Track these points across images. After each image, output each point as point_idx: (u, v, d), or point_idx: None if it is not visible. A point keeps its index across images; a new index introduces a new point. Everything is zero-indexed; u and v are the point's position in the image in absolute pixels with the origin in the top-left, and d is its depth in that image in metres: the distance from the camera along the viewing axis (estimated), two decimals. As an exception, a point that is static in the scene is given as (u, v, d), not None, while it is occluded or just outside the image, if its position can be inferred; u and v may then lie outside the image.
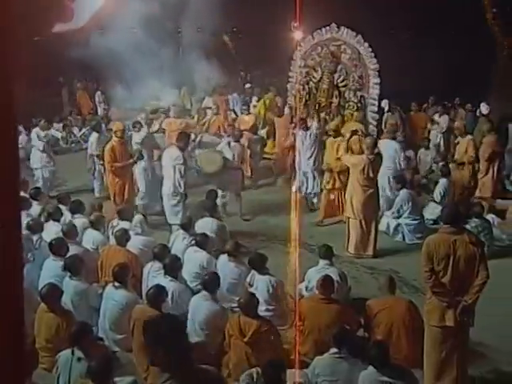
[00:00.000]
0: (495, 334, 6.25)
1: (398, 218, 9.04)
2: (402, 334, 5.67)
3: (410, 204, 8.96)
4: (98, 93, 15.11)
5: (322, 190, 9.76)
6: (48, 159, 11.07)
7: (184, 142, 8.85)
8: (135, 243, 7.27)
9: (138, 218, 7.65)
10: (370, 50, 11.77)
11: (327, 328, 5.48)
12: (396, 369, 4.73)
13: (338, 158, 9.01)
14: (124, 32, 11.35)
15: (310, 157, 10.02)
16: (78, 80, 17.65)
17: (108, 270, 6.54)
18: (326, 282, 5.86)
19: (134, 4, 12.26)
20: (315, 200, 10.18)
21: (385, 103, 13.18)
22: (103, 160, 10.48)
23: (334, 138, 9.50)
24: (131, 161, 9.40)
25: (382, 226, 9.11)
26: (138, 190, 9.83)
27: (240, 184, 10.13)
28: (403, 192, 9.08)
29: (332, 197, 9.44)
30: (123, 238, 6.98)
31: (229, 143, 10.20)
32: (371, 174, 8.05)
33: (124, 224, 7.64)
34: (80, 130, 14.32)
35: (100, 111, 14.42)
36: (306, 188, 10.09)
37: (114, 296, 5.94)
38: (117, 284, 5.95)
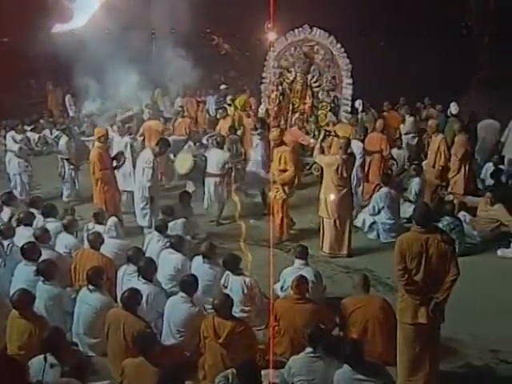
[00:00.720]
0: (467, 330, 6.37)
1: (374, 215, 9.11)
2: (377, 332, 5.75)
3: (387, 203, 9.02)
4: (69, 96, 14.94)
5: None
6: (26, 164, 10.83)
7: (162, 148, 8.80)
8: (109, 246, 7.21)
9: (112, 220, 7.58)
10: (343, 50, 11.88)
11: (303, 328, 5.51)
12: (370, 366, 4.80)
13: (282, 170, 8.71)
14: (96, 33, 11.24)
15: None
16: (48, 82, 17.42)
17: (82, 274, 6.48)
18: (300, 282, 5.89)
19: (107, 5, 12.18)
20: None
21: (359, 103, 13.29)
22: (73, 164, 10.37)
23: (277, 147, 8.95)
24: (120, 163, 9.24)
25: (357, 222, 9.21)
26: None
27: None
28: (381, 190, 9.15)
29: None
30: (97, 241, 6.92)
31: (209, 148, 10.16)
32: (345, 174, 8.10)
33: (98, 227, 7.59)
34: (51, 133, 14.11)
35: (71, 114, 14.25)
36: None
37: (88, 300, 5.90)
38: (91, 287, 5.91)
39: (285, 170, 8.74)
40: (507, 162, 11.06)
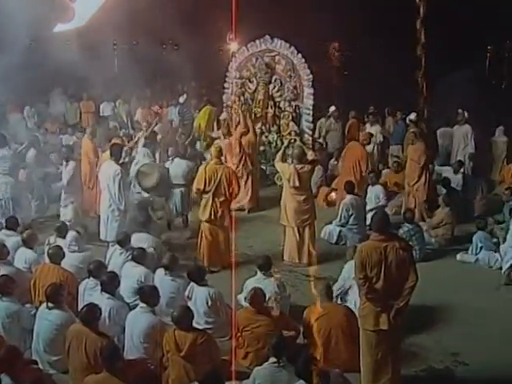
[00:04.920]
0: (428, 334, 6.49)
1: (343, 226, 9.16)
2: (341, 340, 5.80)
3: (355, 210, 9.12)
4: (27, 107, 14.68)
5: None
6: None
7: (118, 155, 8.71)
8: (71, 260, 7.10)
9: (71, 235, 7.45)
10: (304, 60, 12.02)
11: (266, 337, 5.53)
12: (326, 377, 4.82)
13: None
14: (57, 44, 11.08)
15: None
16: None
17: (42, 290, 6.34)
18: (255, 295, 5.91)
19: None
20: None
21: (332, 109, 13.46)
22: (42, 178, 10.06)
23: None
24: None
25: (323, 234, 9.28)
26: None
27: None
28: (347, 198, 9.22)
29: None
30: (57, 255, 6.79)
31: (172, 159, 10.10)
32: (297, 183, 8.12)
33: (60, 241, 7.46)
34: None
35: (30, 125, 13.97)
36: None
37: (48, 316, 5.77)
38: (50, 304, 5.78)
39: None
40: (457, 164, 11.30)
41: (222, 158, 8.78)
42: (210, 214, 8.09)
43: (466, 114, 12.28)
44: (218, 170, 8.12)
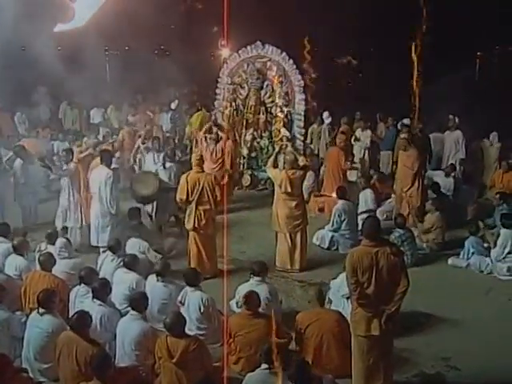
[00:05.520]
0: (420, 339, 6.51)
1: (335, 231, 9.18)
2: (332, 345, 5.80)
3: (347, 215, 9.14)
4: (18, 113, 14.63)
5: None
6: None
7: (109, 160, 8.71)
8: (62, 267, 7.07)
9: (60, 241, 7.42)
10: (295, 66, 12.07)
11: (258, 343, 5.52)
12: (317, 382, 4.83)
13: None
14: (47, 50, 11.05)
15: None
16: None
17: (33, 297, 6.31)
18: (250, 297, 5.91)
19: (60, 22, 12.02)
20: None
21: (326, 115, 13.51)
22: (30, 188, 9.96)
23: None
24: None
25: (316, 240, 9.28)
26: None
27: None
28: (339, 203, 9.25)
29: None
30: (48, 262, 6.76)
31: (163, 164, 10.09)
32: (289, 189, 8.14)
33: (51, 248, 7.43)
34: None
35: (21, 131, 13.93)
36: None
37: (38, 323, 5.73)
38: (42, 310, 5.75)
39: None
40: (450, 167, 11.42)
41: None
42: (194, 223, 8.01)
43: (456, 119, 12.37)
44: (200, 179, 8.01)
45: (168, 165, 10.23)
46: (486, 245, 8.65)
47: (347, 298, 6.53)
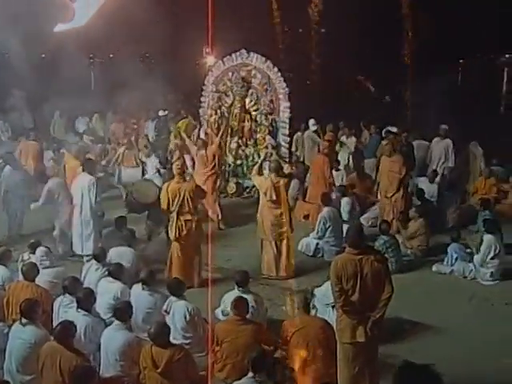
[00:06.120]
0: (405, 346, 6.53)
1: (320, 238, 9.20)
2: (318, 353, 5.79)
3: (332, 222, 9.17)
4: (0, 122, 14.52)
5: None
6: None
7: (93, 170, 8.67)
8: (45, 277, 6.99)
9: (41, 250, 7.35)
10: (280, 74, 12.12)
11: (245, 349, 5.51)
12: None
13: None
14: (32, 57, 11.00)
15: None
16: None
17: (15, 308, 6.23)
18: (239, 302, 5.91)
19: (44, 29, 11.98)
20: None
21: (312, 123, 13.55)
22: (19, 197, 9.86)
23: None
24: None
25: (301, 247, 9.29)
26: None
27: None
28: (324, 210, 9.29)
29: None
30: (31, 272, 6.67)
31: (158, 171, 10.06)
32: (274, 197, 8.17)
33: (34, 257, 7.36)
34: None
35: (4, 138, 13.84)
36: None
37: (21, 334, 5.65)
38: (24, 321, 5.68)
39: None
40: (432, 174, 11.54)
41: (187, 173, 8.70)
42: (176, 233, 7.96)
43: (445, 127, 12.42)
44: (180, 189, 7.94)
45: (162, 171, 10.21)
46: (468, 250, 8.74)
47: (332, 307, 6.56)
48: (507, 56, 22.89)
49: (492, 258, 8.25)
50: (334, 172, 11.60)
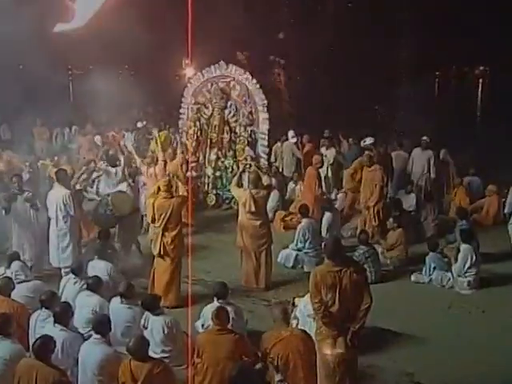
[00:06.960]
0: (383, 355, 6.56)
1: (299, 250, 9.22)
2: (298, 365, 5.74)
3: (311, 234, 9.20)
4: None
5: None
6: None
7: (66, 180, 8.60)
8: (20, 291, 6.90)
9: (16, 264, 7.25)
10: (259, 86, 12.18)
11: (226, 360, 5.47)
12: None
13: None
14: (8, 69, 10.90)
15: None
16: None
17: (-9, 324, 6.11)
18: (220, 312, 5.86)
19: (21, 41, 11.90)
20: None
21: (291, 135, 13.60)
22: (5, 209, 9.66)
23: None
24: None
25: (280, 259, 9.28)
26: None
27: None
28: (303, 221, 9.32)
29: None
30: (6, 287, 6.58)
31: (129, 184, 9.98)
32: (253, 208, 8.17)
33: (8, 272, 7.25)
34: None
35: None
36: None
37: (-5, 351, 5.56)
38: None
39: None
40: (409, 185, 11.74)
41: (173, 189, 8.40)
42: (160, 249, 7.80)
43: (426, 138, 12.47)
44: (167, 205, 7.76)
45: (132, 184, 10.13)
46: (446, 259, 8.82)
47: (314, 318, 6.56)
48: (481, 68, 23.35)
49: (469, 268, 8.34)
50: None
